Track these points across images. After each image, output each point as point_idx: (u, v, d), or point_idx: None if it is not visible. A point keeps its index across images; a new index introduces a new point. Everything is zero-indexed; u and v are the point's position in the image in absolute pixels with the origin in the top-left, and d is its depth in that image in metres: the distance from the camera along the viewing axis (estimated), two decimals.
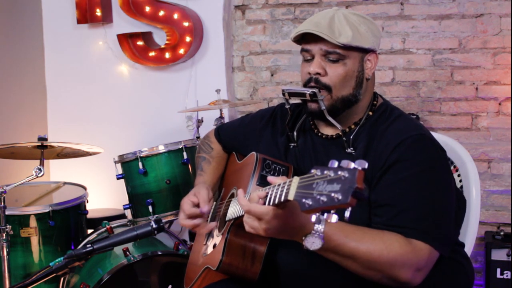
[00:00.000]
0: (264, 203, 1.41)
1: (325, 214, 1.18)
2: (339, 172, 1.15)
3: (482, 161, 3.33)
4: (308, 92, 1.69)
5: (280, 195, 1.33)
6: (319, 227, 1.34)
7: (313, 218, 1.21)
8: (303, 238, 1.38)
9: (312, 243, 1.36)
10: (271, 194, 1.38)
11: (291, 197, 1.26)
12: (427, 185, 1.58)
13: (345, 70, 1.68)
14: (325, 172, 1.18)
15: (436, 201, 1.58)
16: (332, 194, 1.14)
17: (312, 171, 1.22)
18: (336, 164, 1.18)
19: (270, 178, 1.45)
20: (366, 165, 1.15)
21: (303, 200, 1.20)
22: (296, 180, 1.27)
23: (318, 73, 1.69)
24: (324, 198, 1.16)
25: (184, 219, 1.90)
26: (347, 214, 1.16)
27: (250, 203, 1.44)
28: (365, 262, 1.49)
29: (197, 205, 1.90)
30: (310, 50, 1.70)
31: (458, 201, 1.75)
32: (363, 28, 1.68)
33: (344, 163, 1.16)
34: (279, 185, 1.36)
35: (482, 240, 3.21)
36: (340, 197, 1.13)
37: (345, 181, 1.14)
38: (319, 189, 1.18)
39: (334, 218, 1.17)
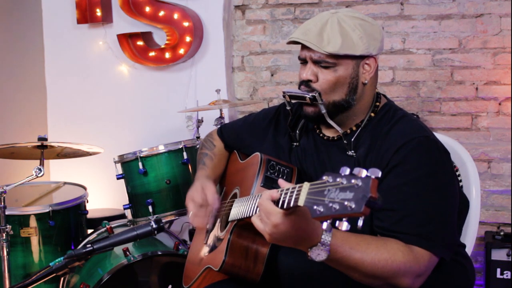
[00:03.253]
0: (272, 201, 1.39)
1: (336, 222, 1.17)
2: (352, 180, 1.13)
3: (482, 161, 3.33)
4: (308, 96, 1.68)
5: (290, 200, 1.31)
6: (326, 239, 1.34)
7: (324, 225, 1.20)
8: (309, 249, 1.38)
9: (318, 254, 1.36)
10: (279, 199, 1.37)
11: (301, 202, 1.24)
12: (430, 190, 1.57)
13: (336, 77, 1.67)
14: (338, 179, 1.16)
15: (438, 206, 1.57)
16: (345, 203, 1.13)
17: (324, 177, 1.20)
18: (347, 171, 1.16)
19: (280, 182, 1.43)
20: (379, 174, 1.13)
21: (314, 207, 1.18)
22: (306, 186, 1.26)
23: (309, 80, 1.69)
24: (336, 206, 1.14)
25: (195, 215, 1.87)
26: (360, 223, 1.15)
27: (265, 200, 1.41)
28: (369, 272, 1.48)
29: (205, 199, 1.89)
30: (303, 58, 1.71)
31: (461, 203, 1.74)
32: (356, 34, 1.64)
33: (356, 170, 1.15)
34: (287, 189, 1.35)
35: (482, 240, 3.21)
36: (353, 206, 1.12)
37: (358, 189, 1.12)
38: (331, 196, 1.16)
39: (345, 226, 1.16)
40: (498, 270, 3.05)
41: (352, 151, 1.70)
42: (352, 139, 1.72)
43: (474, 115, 3.37)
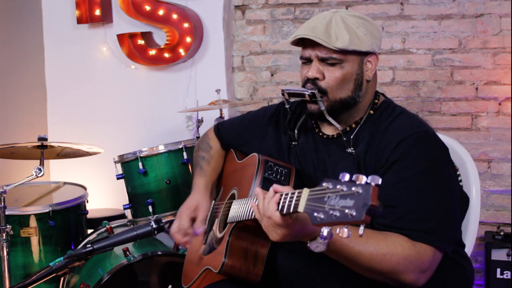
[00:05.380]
0: (277, 209, 1.39)
1: (337, 229, 1.17)
2: (353, 188, 1.13)
3: (482, 161, 3.33)
4: (307, 93, 1.68)
5: (289, 205, 1.32)
6: (326, 230, 1.35)
7: (325, 232, 1.21)
8: (308, 241, 1.38)
9: (317, 247, 1.36)
10: (280, 203, 1.37)
11: (301, 209, 1.25)
12: (431, 185, 1.58)
13: (343, 74, 1.67)
14: (338, 186, 1.16)
15: (440, 200, 1.57)
16: (346, 210, 1.13)
17: (324, 184, 1.20)
18: (347, 177, 1.16)
19: (275, 187, 1.43)
20: (379, 181, 1.13)
21: (315, 214, 1.19)
22: (306, 192, 1.26)
23: (316, 78, 1.69)
24: (337, 213, 1.14)
25: (177, 232, 1.92)
26: (361, 231, 1.16)
27: (268, 209, 1.41)
28: (366, 266, 1.49)
29: (194, 219, 1.93)
30: (308, 57, 1.70)
31: (461, 199, 1.74)
32: (361, 31, 1.66)
33: (355, 177, 1.15)
34: (287, 194, 1.35)
35: (482, 240, 3.21)
36: (354, 214, 1.12)
37: (359, 197, 1.12)
38: (331, 203, 1.16)
39: (345, 233, 1.16)
40: (498, 270, 3.05)
41: (352, 148, 1.70)
42: (352, 136, 1.72)
43: (474, 115, 3.37)
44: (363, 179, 1.14)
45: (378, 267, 1.48)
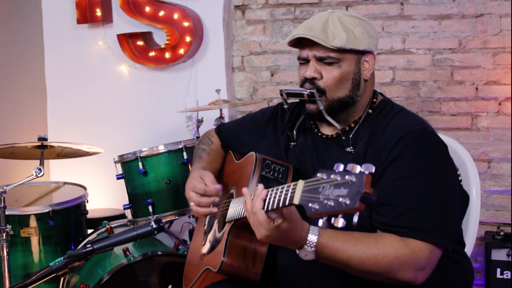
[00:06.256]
0: (263, 207, 1.40)
1: (332, 219, 1.17)
2: (346, 177, 1.14)
3: (482, 161, 3.33)
4: (306, 92, 1.69)
5: (285, 198, 1.32)
6: (313, 240, 1.38)
7: (320, 222, 1.21)
8: (297, 250, 1.41)
9: (305, 255, 1.40)
10: (274, 198, 1.37)
11: (296, 201, 1.25)
12: (430, 182, 1.58)
13: (340, 73, 1.68)
14: (332, 176, 1.17)
15: (438, 198, 1.58)
16: (340, 199, 1.13)
17: (318, 175, 1.21)
18: (341, 167, 1.17)
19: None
20: (373, 169, 1.14)
21: (310, 205, 1.19)
22: (301, 183, 1.26)
23: (314, 78, 1.69)
24: (331, 203, 1.15)
25: (200, 197, 1.85)
26: (355, 219, 1.16)
27: (255, 205, 1.43)
28: (359, 269, 1.50)
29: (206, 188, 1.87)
30: (305, 57, 1.71)
31: (461, 197, 1.74)
32: (358, 30, 1.67)
33: (350, 166, 1.15)
34: (282, 187, 1.35)
35: (482, 240, 3.21)
36: (348, 202, 1.12)
37: (352, 185, 1.13)
38: (325, 193, 1.17)
39: (341, 222, 1.16)
40: (498, 270, 3.05)
41: (351, 147, 1.71)
42: (351, 136, 1.72)
43: (474, 115, 3.37)
44: (357, 168, 1.14)
45: (371, 269, 1.49)
